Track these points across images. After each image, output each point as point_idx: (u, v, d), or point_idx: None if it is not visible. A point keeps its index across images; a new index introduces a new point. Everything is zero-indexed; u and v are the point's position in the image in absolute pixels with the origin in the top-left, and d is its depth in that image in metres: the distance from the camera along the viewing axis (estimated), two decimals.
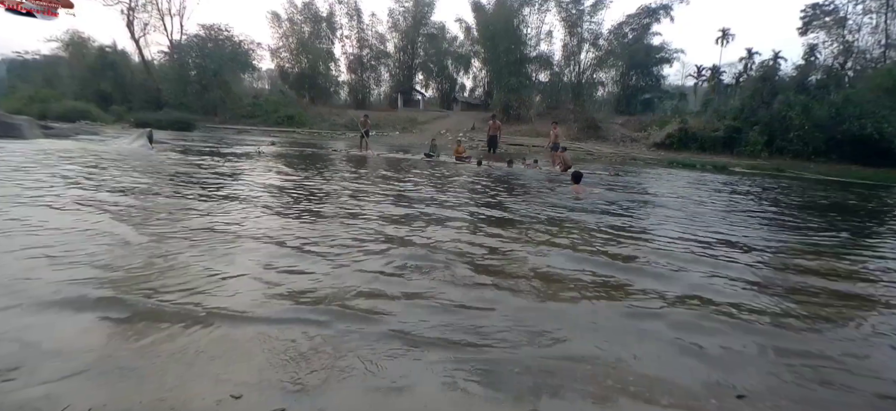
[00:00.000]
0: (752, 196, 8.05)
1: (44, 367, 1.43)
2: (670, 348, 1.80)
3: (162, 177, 5.88)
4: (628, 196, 6.76)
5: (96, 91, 31.31)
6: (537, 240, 3.49)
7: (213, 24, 32.02)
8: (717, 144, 22.86)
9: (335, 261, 2.67)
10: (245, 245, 2.90)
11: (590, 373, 1.58)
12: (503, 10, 32.34)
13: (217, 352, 1.57)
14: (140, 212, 3.75)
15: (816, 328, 2.09)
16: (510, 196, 6.09)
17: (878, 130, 19.14)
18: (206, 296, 2.03)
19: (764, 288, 2.60)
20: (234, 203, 4.34)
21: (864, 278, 3.02)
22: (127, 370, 1.44)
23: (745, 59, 36.02)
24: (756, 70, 29.67)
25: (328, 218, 3.92)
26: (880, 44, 25.75)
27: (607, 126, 27.75)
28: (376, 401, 1.37)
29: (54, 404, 1.25)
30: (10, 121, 11.01)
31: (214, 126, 27.37)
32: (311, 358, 1.56)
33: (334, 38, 40.51)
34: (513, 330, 1.87)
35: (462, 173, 8.80)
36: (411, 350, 1.66)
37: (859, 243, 4.32)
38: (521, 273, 2.64)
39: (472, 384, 1.47)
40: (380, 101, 42.41)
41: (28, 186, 4.45)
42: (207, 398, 1.32)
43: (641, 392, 1.48)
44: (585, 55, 32.99)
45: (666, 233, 4.01)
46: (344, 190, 5.70)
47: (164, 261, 2.48)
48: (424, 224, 3.86)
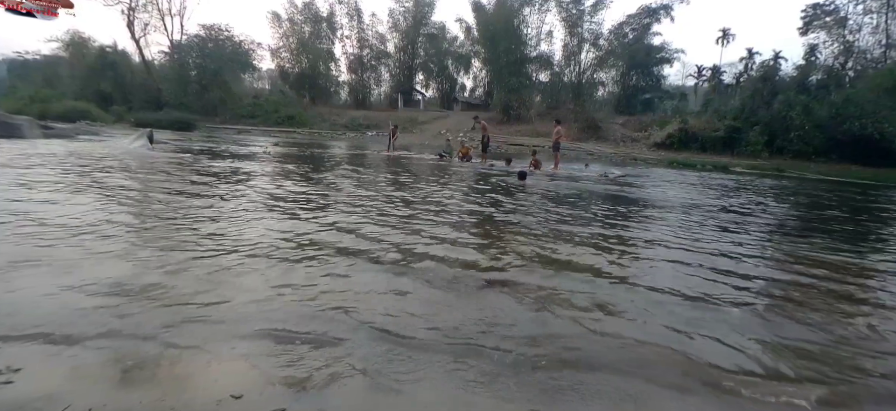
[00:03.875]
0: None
1: (44, 367, 1.43)
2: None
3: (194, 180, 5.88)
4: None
5: (96, 91, 31.36)
6: (537, 240, 3.49)
7: (214, 25, 32.13)
8: (718, 144, 22.88)
9: (335, 261, 2.67)
10: (247, 244, 2.89)
11: (590, 373, 1.57)
12: (503, 10, 32.35)
13: (217, 352, 1.57)
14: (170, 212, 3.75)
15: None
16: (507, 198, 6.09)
17: (878, 130, 19.14)
18: (206, 297, 2.03)
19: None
20: (241, 200, 4.33)
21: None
22: (127, 370, 1.44)
23: (745, 59, 36.04)
24: (756, 70, 29.70)
25: (327, 219, 3.91)
26: (881, 44, 25.75)
27: (608, 126, 27.77)
28: (376, 401, 1.36)
29: (54, 404, 1.25)
30: (11, 121, 11.03)
31: (215, 126, 27.38)
32: (311, 359, 1.56)
33: (334, 38, 40.59)
34: (514, 332, 1.87)
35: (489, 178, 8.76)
36: (411, 350, 1.66)
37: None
38: (526, 278, 2.64)
39: (472, 384, 1.47)
40: (380, 101, 42.42)
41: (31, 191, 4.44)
42: (207, 398, 1.32)
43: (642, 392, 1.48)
44: (586, 55, 33.04)
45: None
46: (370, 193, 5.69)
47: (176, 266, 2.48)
48: (430, 226, 3.85)
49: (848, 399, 1.53)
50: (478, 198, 5.69)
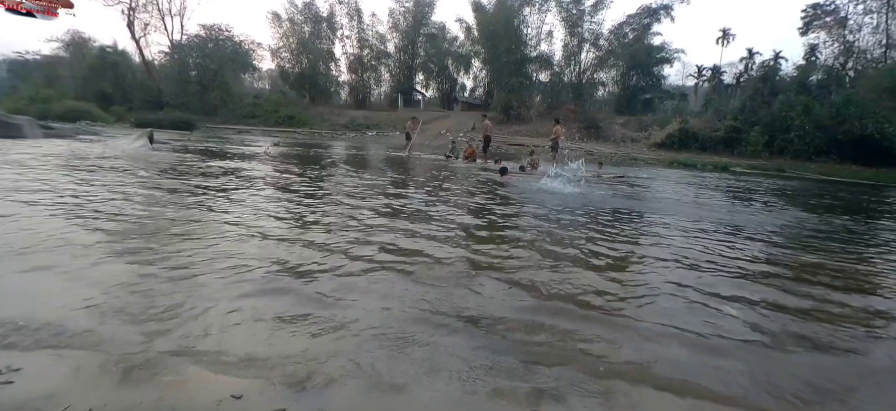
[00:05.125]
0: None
1: (44, 367, 1.43)
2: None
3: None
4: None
5: (97, 91, 31.39)
6: (537, 241, 3.49)
7: (214, 25, 32.20)
8: (718, 144, 22.89)
9: (335, 261, 2.67)
10: (251, 243, 2.89)
11: (591, 374, 1.57)
12: (503, 10, 32.36)
13: (217, 352, 1.57)
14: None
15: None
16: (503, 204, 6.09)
17: (879, 130, 19.14)
18: (206, 297, 2.03)
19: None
20: (241, 195, 4.33)
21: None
22: (127, 370, 1.44)
23: (745, 59, 36.07)
24: (757, 70, 29.73)
25: (330, 216, 3.92)
26: (881, 44, 25.75)
27: (608, 126, 27.78)
28: (376, 401, 1.36)
29: (54, 404, 1.25)
30: (11, 121, 11.02)
31: (215, 126, 27.38)
32: (311, 359, 1.55)
33: (335, 38, 40.56)
34: (515, 331, 1.87)
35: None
36: (411, 350, 1.66)
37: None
38: (527, 277, 2.64)
39: (472, 384, 1.47)
40: (380, 101, 42.41)
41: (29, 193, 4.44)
42: (207, 398, 1.32)
43: (640, 391, 1.48)
44: (586, 55, 33.05)
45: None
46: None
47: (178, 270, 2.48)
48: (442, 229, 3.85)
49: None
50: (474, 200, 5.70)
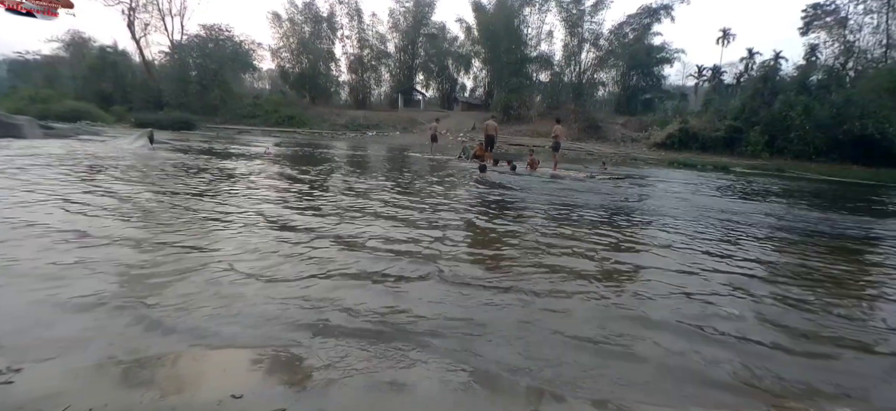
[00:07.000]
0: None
1: (44, 367, 1.43)
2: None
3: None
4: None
5: (97, 91, 31.37)
6: (536, 241, 3.49)
7: (214, 25, 32.11)
8: (718, 144, 22.87)
9: (335, 261, 2.66)
10: (252, 241, 2.89)
11: (591, 374, 1.57)
12: (504, 10, 32.33)
13: (217, 353, 1.57)
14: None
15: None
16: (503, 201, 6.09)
17: (879, 130, 19.12)
18: (207, 296, 2.03)
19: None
20: (240, 196, 4.33)
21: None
22: (127, 370, 1.44)
23: (745, 59, 36.05)
24: (757, 70, 29.71)
25: (329, 217, 3.92)
26: (881, 44, 25.72)
27: (608, 126, 27.77)
28: (376, 401, 1.36)
29: (54, 404, 1.25)
30: (11, 121, 11.03)
31: (215, 126, 27.36)
32: (311, 359, 1.55)
33: (335, 38, 40.49)
34: (512, 332, 1.87)
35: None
36: (411, 350, 1.66)
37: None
38: (525, 275, 2.64)
39: (472, 384, 1.47)
40: (380, 101, 42.37)
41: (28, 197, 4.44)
42: (207, 398, 1.32)
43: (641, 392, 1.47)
44: (586, 55, 33.00)
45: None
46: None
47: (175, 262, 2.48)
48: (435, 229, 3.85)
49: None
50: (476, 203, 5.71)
